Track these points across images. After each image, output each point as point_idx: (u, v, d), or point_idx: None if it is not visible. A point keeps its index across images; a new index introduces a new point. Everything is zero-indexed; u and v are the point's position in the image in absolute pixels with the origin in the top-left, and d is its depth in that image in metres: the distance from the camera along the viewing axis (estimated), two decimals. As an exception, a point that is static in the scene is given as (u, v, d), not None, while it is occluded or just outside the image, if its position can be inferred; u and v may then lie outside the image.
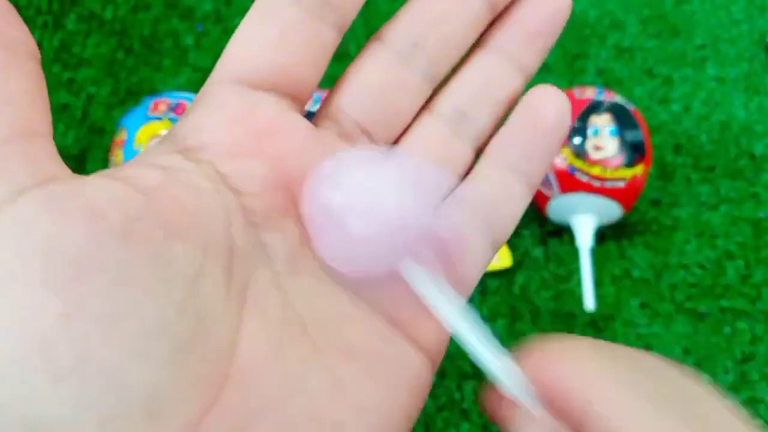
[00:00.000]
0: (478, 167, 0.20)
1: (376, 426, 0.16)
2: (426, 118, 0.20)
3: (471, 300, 0.18)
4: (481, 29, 0.20)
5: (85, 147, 0.45)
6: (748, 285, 0.44)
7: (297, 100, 0.18)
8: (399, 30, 0.19)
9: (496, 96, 0.20)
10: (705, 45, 0.52)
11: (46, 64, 0.48)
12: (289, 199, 0.17)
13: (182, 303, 0.14)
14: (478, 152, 0.20)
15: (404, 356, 0.17)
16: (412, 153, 0.19)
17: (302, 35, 0.18)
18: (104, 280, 0.13)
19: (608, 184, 0.41)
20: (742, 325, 0.43)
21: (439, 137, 0.19)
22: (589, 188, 0.41)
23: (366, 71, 0.19)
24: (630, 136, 0.41)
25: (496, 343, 0.17)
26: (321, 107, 0.19)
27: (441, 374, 0.40)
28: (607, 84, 0.50)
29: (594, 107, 0.42)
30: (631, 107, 0.43)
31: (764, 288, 0.44)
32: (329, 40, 0.18)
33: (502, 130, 0.20)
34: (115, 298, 0.13)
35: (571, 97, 0.43)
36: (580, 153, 0.41)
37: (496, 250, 0.20)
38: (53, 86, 0.48)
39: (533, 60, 0.20)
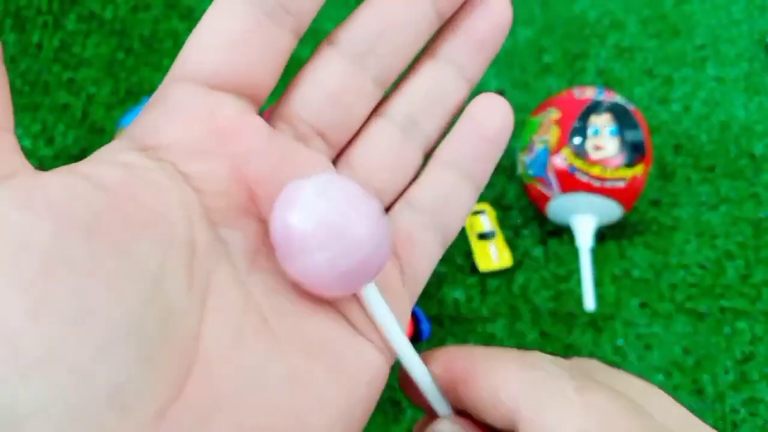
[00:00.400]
0: (427, 170, 0.21)
1: (336, 417, 0.17)
2: (378, 123, 0.20)
3: (471, 299, 0.19)
4: (429, 35, 0.20)
5: (85, 147, 0.45)
6: (748, 285, 0.44)
7: (254, 101, 0.18)
8: (351, 34, 0.19)
9: (444, 103, 0.21)
10: (705, 45, 0.52)
11: (46, 64, 0.48)
12: (249, 198, 0.18)
13: (147, 298, 0.14)
14: (427, 156, 0.21)
15: (361, 350, 0.18)
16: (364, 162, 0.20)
17: (260, 38, 0.18)
18: (71, 276, 0.13)
19: (608, 184, 0.41)
20: (742, 325, 0.43)
21: (391, 142, 0.20)
22: (589, 188, 0.41)
23: (319, 74, 0.19)
24: (630, 136, 0.41)
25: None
26: (275, 109, 0.20)
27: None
28: (607, 84, 0.50)
29: (594, 107, 0.42)
30: (631, 107, 0.43)
31: (764, 288, 0.44)
32: (286, 44, 0.18)
33: (449, 135, 0.21)
34: (82, 294, 0.13)
35: (571, 97, 0.43)
36: (580, 153, 0.41)
37: (445, 247, 0.21)
38: (53, 86, 0.48)
39: (478, 68, 0.21)
